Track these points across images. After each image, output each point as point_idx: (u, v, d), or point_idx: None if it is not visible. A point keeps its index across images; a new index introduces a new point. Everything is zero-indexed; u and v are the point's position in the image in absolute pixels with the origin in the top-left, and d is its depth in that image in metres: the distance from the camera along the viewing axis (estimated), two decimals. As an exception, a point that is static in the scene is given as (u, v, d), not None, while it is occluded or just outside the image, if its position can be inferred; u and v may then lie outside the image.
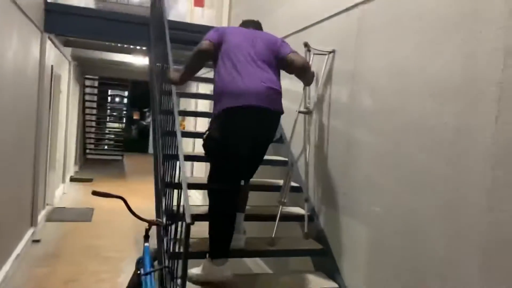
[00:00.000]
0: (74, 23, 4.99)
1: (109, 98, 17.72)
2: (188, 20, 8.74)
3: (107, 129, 15.94)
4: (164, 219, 2.78)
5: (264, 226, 3.11)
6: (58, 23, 4.88)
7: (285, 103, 2.77)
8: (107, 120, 16.16)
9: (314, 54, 3.24)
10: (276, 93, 2.65)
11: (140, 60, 7.93)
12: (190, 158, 3.45)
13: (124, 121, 17.30)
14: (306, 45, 3.28)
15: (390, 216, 2.38)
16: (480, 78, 1.85)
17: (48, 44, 5.00)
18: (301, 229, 3.22)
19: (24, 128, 4.23)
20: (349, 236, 2.77)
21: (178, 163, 2.52)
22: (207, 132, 2.67)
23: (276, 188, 3.29)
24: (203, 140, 2.69)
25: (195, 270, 2.62)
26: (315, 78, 3.11)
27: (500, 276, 1.70)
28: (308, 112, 3.24)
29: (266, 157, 2.95)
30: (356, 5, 2.82)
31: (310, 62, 3.12)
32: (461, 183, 1.92)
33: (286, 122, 3.53)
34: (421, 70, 2.21)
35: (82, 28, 5.05)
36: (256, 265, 4.12)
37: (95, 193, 2.55)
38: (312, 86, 3.20)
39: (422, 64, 2.20)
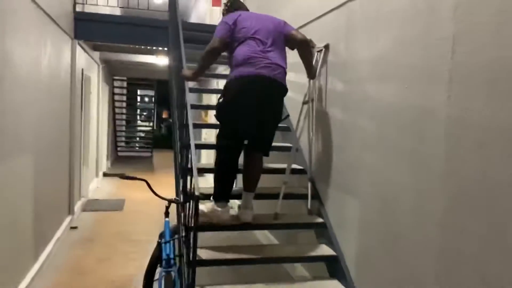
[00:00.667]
0: (101, 29, 5.49)
1: (138, 98, 18.44)
2: (207, 19, 9.18)
3: (137, 128, 16.66)
4: (181, 198, 3.19)
5: (272, 204, 3.49)
6: (87, 30, 5.38)
7: (292, 95, 3.12)
8: (137, 119, 16.89)
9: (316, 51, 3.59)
10: (283, 72, 3.09)
11: (163, 61, 8.42)
12: (203, 146, 3.83)
13: (153, 119, 18.00)
14: (310, 41, 3.63)
15: (374, 189, 2.70)
16: (435, 64, 2.16)
17: (78, 49, 5.51)
18: (306, 207, 3.59)
19: (59, 128, 4.74)
20: (343, 210, 3.11)
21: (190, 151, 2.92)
22: (221, 98, 3.11)
23: (282, 171, 3.66)
24: (217, 103, 3.15)
25: (201, 206, 2.94)
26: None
27: (457, 229, 2.01)
28: (308, 102, 3.59)
29: (275, 144, 3.31)
30: (344, 3, 3.14)
31: (314, 61, 3.47)
32: (424, 154, 2.24)
33: (292, 113, 3.88)
34: (393, 59, 2.53)
35: (108, 33, 5.56)
36: (265, 237, 4.51)
37: (122, 176, 3.00)
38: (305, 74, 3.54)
39: (393, 54, 2.52)
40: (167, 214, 3.13)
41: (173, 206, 3.38)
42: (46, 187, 4.14)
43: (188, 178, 2.94)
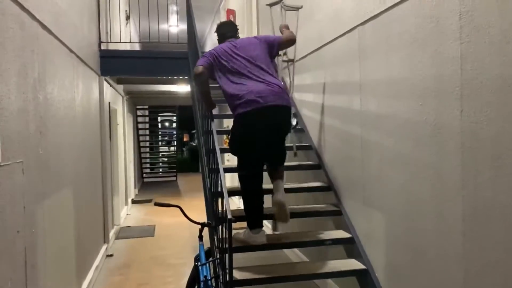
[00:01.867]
0: (124, 64, 5.80)
1: (159, 125, 18.89)
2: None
3: (160, 153, 17.04)
4: (213, 221, 3.36)
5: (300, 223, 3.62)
6: (111, 66, 5.69)
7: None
8: (160, 144, 17.29)
9: (285, 10, 3.98)
10: (280, 90, 3.21)
11: (184, 88, 8.72)
12: (227, 170, 4.00)
13: (175, 143, 18.38)
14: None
15: (397, 202, 2.82)
16: (446, 81, 2.30)
17: (105, 84, 5.82)
18: (333, 223, 3.73)
19: (92, 160, 5.00)
20: (370, 223, 3.22)
21: (219, 175, 3.10)
22: (230, 136, 3.41)
23: (310, 189, 3.80)
24: (228, 139, 3.44)
25: (236, 234, 3.30)
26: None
27: (479, 239, 2.12)
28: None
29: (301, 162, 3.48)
30: (355, 27, 3.31)
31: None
32: (441, 167, 2.36)
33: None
34: (406, 78, 2.67)
35: (131, 67, 5.86)
36: (295, 255, 4.62)
37: (157, 204, 3.19)
38: (324, 95, 3.71)
39: (406, 73, 2.67)
40: (201, 237, 3.29)
41: (206, 230, 3.55)
42: (84, 218, 4.37)
43: (220, 201, 3.11)
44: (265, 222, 3.53)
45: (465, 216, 2.20)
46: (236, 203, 8.75)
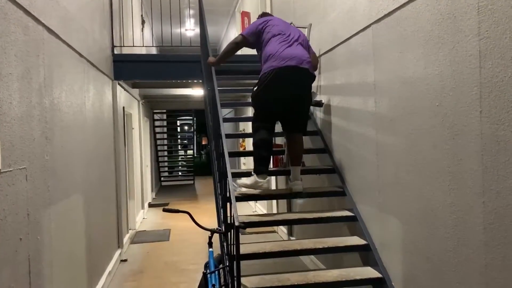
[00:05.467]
0: (138, 69, 5.78)
1: (178, 129, 18.95)
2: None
3: (179, 157, 17.07)
4: (223, 227, 3.27)
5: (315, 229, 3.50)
6: (125, 70, 5.67)
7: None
8: (178, 148, 17.33)
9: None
10: (308, 61, 3.56)
11: (199, 92, 8.68)
12: (241, 174, 3.92)
13: (193, 147, 18.41)
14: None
15: (414, 208, 2.68)
16: (464, 80, 2.16)
17: (119, 89, 5.81)
18: (347, 230, 3.59)
19: (105, 165, 4.98)
20: (386, 230, 3.08)
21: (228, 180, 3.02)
22: (257, 87, 3.57)
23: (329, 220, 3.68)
24: (252, 92, 3.64)
25: (243, 179, 3.64)
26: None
27: (503, 249, 1.97)
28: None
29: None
30: (369, 25, 3.19)
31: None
32: (460, 171, 2.21)
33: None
34: (422, 78, 2.53)
35: (145, 71, 5.84)
36: (311, 261, 4.49)
37: (165, 210, 3.13)
38: (338, 96, 3.59)
39: (422, 72, 2.53)
40: (210, 244, 3.21)
41: (216, 236, 3.47)
42: (96, 223, 4.34)
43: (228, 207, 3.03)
44: (282, 228, 3.42)
45: (486, 224, 2.05)
46: (252, 207, 8.66)
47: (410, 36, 2.66)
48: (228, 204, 3.06)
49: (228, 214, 3.07)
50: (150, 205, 9.91)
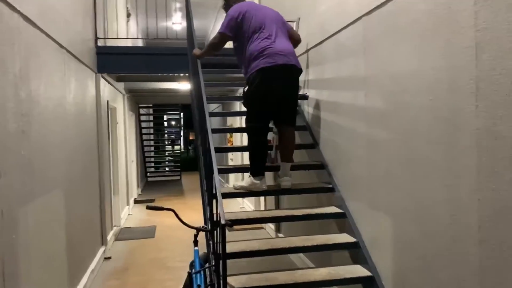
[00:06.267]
0: (122, 61, 5.62)
1: (165, 123, 18.73)
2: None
3: (166, 152, 16.86)
4: (209, 225, 3.17)
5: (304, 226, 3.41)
6: (109, 63, 5.51)
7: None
8: (165, 143, 17.12)
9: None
10: (293, 54, 3.55)
11: (186, 86, 8.52)
12: (229, 170, 3.83)
13: (180, 142, 18.23)
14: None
15: (407, 205, 2.61)
16: (459, 73, 2.09)
17: (102, 82, 5.64)
18: (336, 227, 3.52)
19: (89, 160, 4.83)
20: (377, 227, 3.01)
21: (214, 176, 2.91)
22: (246, 89, 3.54)
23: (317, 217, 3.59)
24: (243, 93, 3.61)
25: (240, 182, 3.61)
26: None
27: (498, 248, 1.90)
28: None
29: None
30: (359, 17, 3.10)
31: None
32: (455, 167, 2.14)
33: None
34: (415, 71, 2.46)
35: (130, 64, 5.68)
36: (299, 259, 4.42)
37: (149, 207, 3.01)
38: (327, 91, 3.50)
39: (415, 65, 2.45)
40: (196, 242, 3.10)
41: (203, 234, 3.36)
42: (78, 221, 4.20)
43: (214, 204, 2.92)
44: (269, 224, 3.33)
45: (482, 221, 1.98)
46: (239, 203, 8.56)
47: (403, 28, 2.58)
48: (214, 201, 2.96)
49: (214, 212, 2.97)
50: (136, 201, 9.74)
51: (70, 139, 3.92)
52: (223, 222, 2.43)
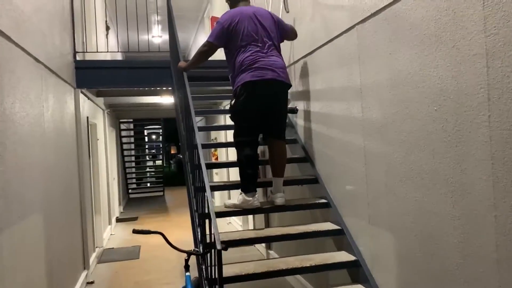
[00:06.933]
0: (102, 76, 5.39)
1: (146, 138, 18.39)
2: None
3: (147, 167, 16.48)
4: (201, 248, 2.97)
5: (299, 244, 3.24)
6: (88, 78, 5.27)
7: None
8: (147, 158, 16.74)
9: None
10: (284, 68, 3.43)
11: (168, 100, 8.32)
12: (216, 188, 3.65)
13: (161, 157, 17.89)
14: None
15: (411, 221, 2.47)
16: (468, 82, 1.97)
17: (82, 97, 5.41)
18: (334, 244, 3.36)
19: (68, 180, 4.58)
20: (378, 245, 2.86)
21: (206, 194, 2.72)
22: (233, 102, 3.40)
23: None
24: (230, 107, 3.46)
25: (231, 201, 3.46)
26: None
27: (515, 266, 1.78)
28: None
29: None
30: (353, 26, 2.98)
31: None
32: (466, 181, 2.01)
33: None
34: (416, 80, 2.34)
35: (110, 79, 5.45)
36: (297, 281, 4.23)
37: (135, 231, 2.80)
38: (320, 102, 3.37)
39: (416, 74, 2.33)
40: (187, 267, 2.90)
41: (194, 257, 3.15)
42: (58, 245, 3.94)
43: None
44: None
45: (499, 241, 1.85)
46: (226, 219, 8.32)
47: (401, 35, 2.47)
48: (207, 221, 2.77)
49: (207, 232, 2.77)
50: (118, 220, 9.42)
51: (48, 159, 3.68)
52: (218, 247, 2.24)
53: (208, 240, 2.74)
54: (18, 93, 2.93)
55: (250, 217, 6.35)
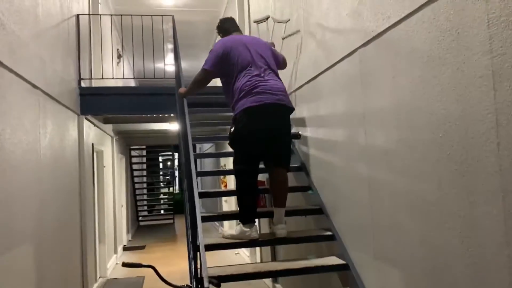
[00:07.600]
0: (107, 103, 5.36)
1: (161, 165, 18.34)
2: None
3: (161, 195, 16.29)
4: (194, 283, 2.80)
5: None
6: (93, 104, 5.25)
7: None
8: (160, 186, 16.57)
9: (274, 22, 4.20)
10: (284, 91, 3.31)
11: (176, 126, 8.28)
12: (217, 217, 3.50)
13: (172, 184, 17.78)
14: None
15: (419, 257, 2.27)
16: (474, 106, 1.81)
17: (87, 124, 5.37)
18: (339, 279, 3.15)
19: (67, 208, 4.47)
20: (385, 282, 2.65)
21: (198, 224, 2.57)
22: (233, 129, 3.28)
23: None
24: (229, 134, 3.34)
25: (229, 231, 3.32)
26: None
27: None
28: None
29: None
30: (356, 49, 2.86)
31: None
32: (477, 215, 1.83)
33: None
34: (420, 105, 2.18)
35: (115, 106, 5.42)
36: None
37: (125, 264, 2.65)
38: (323, 128, 3.23)
39: (420, 99, 2.18)
40: (181, 304, 2.72)
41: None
42: (52, 277, 3.80)
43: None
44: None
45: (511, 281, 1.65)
46: (242, 257, 8.06)
47: (404, 59, 2.33)
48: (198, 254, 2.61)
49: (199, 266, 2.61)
50: (125, 248, 9.27)
51: (43, 187, 3.58)
52: (206, 285, 2.07)
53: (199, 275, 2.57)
54: (10, 119, 2.87)
55: (258, 249, 6.13)
